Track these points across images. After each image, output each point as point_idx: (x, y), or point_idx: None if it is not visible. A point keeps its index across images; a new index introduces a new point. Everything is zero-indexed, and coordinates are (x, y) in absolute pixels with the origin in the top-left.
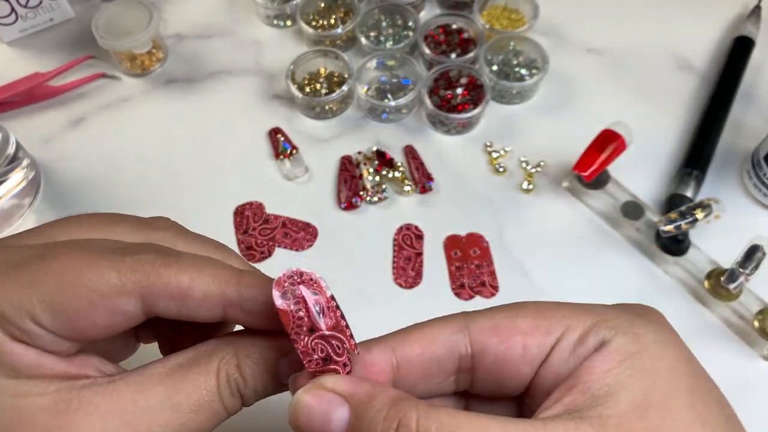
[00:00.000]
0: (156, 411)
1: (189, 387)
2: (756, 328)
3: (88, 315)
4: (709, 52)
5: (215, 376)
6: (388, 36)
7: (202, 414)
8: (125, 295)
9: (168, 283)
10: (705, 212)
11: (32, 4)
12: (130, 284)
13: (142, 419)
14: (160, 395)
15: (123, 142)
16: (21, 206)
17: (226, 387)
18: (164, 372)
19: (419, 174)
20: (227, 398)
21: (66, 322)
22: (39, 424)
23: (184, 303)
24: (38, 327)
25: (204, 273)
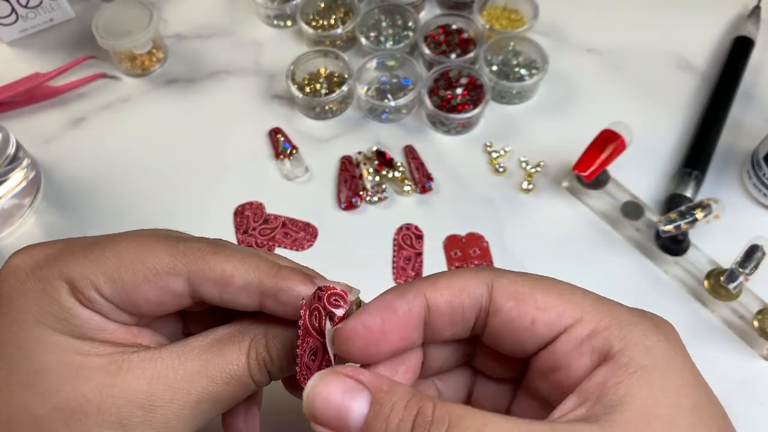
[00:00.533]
0: (194, 379)
1: (222, 362)
2: (756, 327)
3: (142, 290)
4: (709, 52)
5: (246, 354)
6: (388, 36)
7: (232, 385)
8: (175, 275)
9: (213, 268)
10: (705, 212)
11: (32, 5)
12: (180, 266)
13: (182, 385)
14: (197, 366)
15: (123, 142)
16: (21, 206)
17: (255, 364)
18: (203, 345)
19: (419, 174)
20: (256, 373)
21: (123, 295)
22: (93, 380)
23: (225, 289)
24: (100, 297)
25: (246, 263)
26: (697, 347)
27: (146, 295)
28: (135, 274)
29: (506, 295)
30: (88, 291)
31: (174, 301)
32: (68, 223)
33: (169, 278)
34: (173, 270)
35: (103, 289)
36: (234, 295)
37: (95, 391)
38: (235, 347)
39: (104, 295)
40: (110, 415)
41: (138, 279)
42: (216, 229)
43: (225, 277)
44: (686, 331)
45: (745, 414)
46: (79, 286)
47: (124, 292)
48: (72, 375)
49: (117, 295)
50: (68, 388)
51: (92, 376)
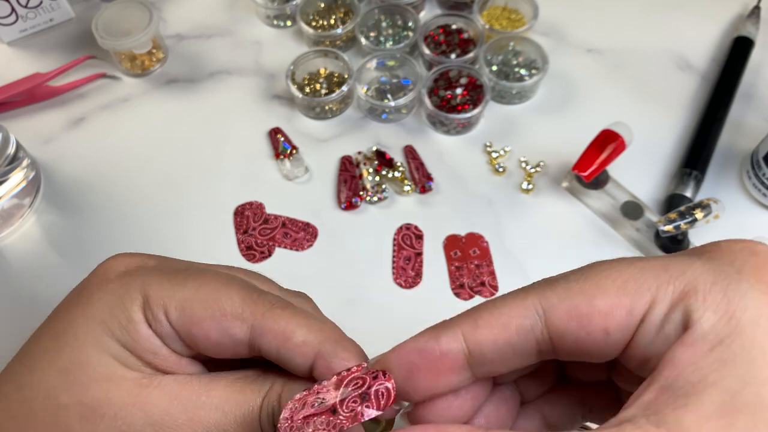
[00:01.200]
0: (210, 410)
1: (241, 399)
2: None
3: (206, 325)
4: (708, 52)
5: (262, 399)
6: (388, 36)
7: (242, 427)
8: (240, 320)
9: (277, 321)
10: (704, 212)
11: (32, 5)
12: (248, 313)
13: (198, 413)
14: (217, 399)
15: (123, 142)
16: (21, 206)
17: (266, 412)
18: (229, 381)
19: (419, 174)
20: (264, 422)
21: (187, 324)
22: (122, 387)
23: (284, 344)
24: (166, 320)
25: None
26: None
27: (207, 332)
28: (204, 309)
29: (564, 316)
30: (158, 311)
31: (232, 346)
32: (68, 223)
33: (234, 322)
34: (240, 315)
35: (171, 314)
36: (291, 351)
37: (119, 398)
38: (256, 388)
39: (170, 319)
40: (123, 424)
41: (205, 314)
42: (216, 229)
43: (287, 332)
44: None
45: None
46: (152, 304)
47: (189, 322)
48: (106, 377)
49: (181, 323)
50: (98, 388)
51: (123, 384)
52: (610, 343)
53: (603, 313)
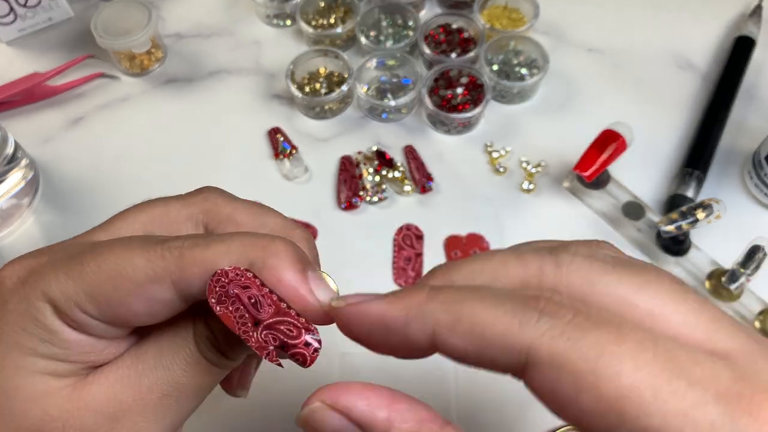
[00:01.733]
0: (151, 371)
1: (173, 347)
2: (757, 328)
3: (127, 303)
4: (710, 51)
5: (192, 333)
6: (388, 36)
7: (190, 371)
8: (157, 282)
9: (195, 262)
10: (706, 212)
11: (31, 4)
12: (160, 270)
13: (142, 381)
14: (152, 358)
15: (122, 142)
16: (20, 206)
17: (202, 344)
18: (156, 335)
19: (419, 174)
20: (208, 355)
21: (108, 311)
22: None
23: None
24: (86, 316)
25: (229, 248)
26: None
27: (131, 309)
28: (116, 289)
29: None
30: (73, 312)
31: (165, 307)
32: (67, 223)
33: (152, 287)
34: (154, 278)
35: (87, 308)
36: None
37: (60, 408)
38: (183, 329)
39: (90, 314)
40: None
41: (120, 293)
42: None
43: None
44: None
45: None
46: (63, 308)
47: (108, 308)
48: (40, 395)
49: (103, 312)
50: (36, 409)
51: (59, 393)
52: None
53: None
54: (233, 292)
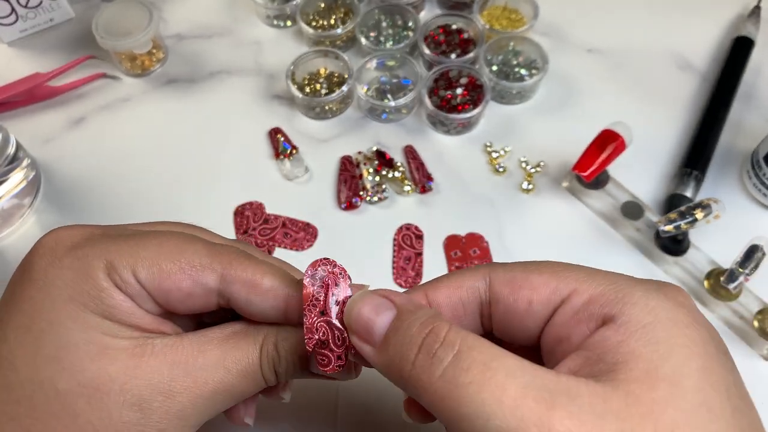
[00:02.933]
0: (211, 369)
1: (239, 354)
2: (756, 328)
3: (176, 278)
4: (709, 52)
5: (259, 349)
6: (388, 36)
7: (246, 379)
8: (210, 270)
9: (245, 270)
10: (705, 212)
11: (32, 5)
12: (216, 263)
13: (200, 374)
14: (215, 357)
15: (123, 142)
16: (21, 206)
17: (265, 360)
18: (221, 337)
19: (419, 174)
20: (266, 370)
21: (157, 280)
22: (118, 360)
23: (254, 291)
24: (135, 281)
25: (276, 271)
26: None
27: (179, 284)
28: (173, 262)
29: (502, 283)
30: (126, 273)
31: (203, 296)
32: (68, 223)
33: (204, 271)
34: (209, 265)
35: (140, 274)
36: (261, 297)
37: (119, 372)
38: (251, 340)
39: (140, 279)
40: (132, 396)
41: (174, 267)
42: (216, 229)
43: (255, 278)
44: None
45: None
46: (118, 268)
47: (159, 278)
48: (98, 354)
49: (152, 280)
50: (94, 366)
51: (118, 356)
52: (531, 314)
53: (532, 285)
54: (326, 280)
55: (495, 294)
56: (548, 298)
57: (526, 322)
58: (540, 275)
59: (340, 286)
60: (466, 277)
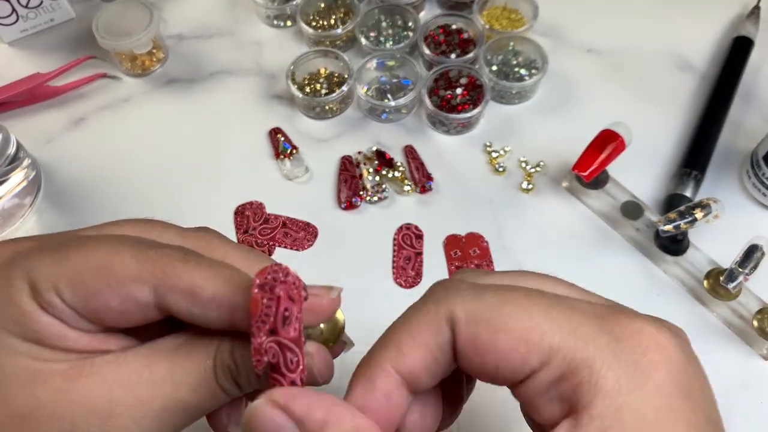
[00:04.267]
0: (159, 385)
1: (189, 365)
2: (755, 327)
3: (104, 296)
4: (708, 52)
5: (213, 359)
6: (388, 36)
7: (200, 392)
8: (139, 282)
9: (181, 278)
10: (704, 212)
11: (33, 5)
12: (146, 273)
13: (145, 391)
14: (163, 371)
15: (123, 142)
16: (22, 206)
17: (221, 371)
18: (170, 348)
19: (419, 174)
20: (223, 382)
21: (83, 300)
22: (50, 384)
23: (193, 301)
24: (60, 301)
25: (219, 275)
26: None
27: (108, 303)
28: (97, 278)
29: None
30: (49, 294)
31: (139, 311)
32: (69, 223)
33: (133, 286)
34: (138, 277)
35: (63, 294)
36: (202, 308)
37: (50, 397)
38: (203, 351)
39: (65, 299)
40: (63, 422)
41: (100, 284)
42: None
43: (193, 287)
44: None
45: (745, 414)
46: (41, 289)
47: (84, 297)
48: (29, 381)
49: (77, 300)
50: (23, 394)
51: (49, 380)
52: (498, 377)
53: (498, 351)
54: (279, 293)
55: (460, 352)
56: (516, 369)
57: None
58: (507, 336)
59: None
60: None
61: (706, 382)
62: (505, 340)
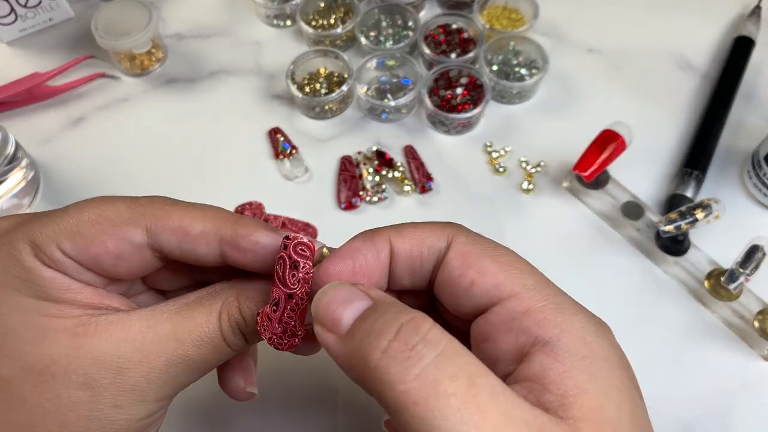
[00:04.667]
0: (162, 342)
1: (192, 324)
2: (756, 328)
3: (100, 241)
4: (709, 52)
5: (217, 316)
6: (388, 36)
7: (204, 348)
8: (133, 225)
9: (170, 217)
10: (705, 212)
11: (32, 4)
12: (138, 216)
13: (151, 348)
14: (166, 329)
15: (122, 142)
16: (20, 206)
17: (227, 326)
18: (173, 309)
19: (419, 174)
20: (229, 336)
21: (83, 249)
22: (59, 342)
23: (184, 237)
24: (62, 254)
25: (206, 213)
26: (697, 347)
27: (105, 247)
28: (93, 226)
29: (457, 253)
30: (50, 249)
31: (136, 254)
32: None
33: (127, 228)
34: (131, 220)
35: (64, 246)
36: (193, 243)
37: (62, 353)
38: (205, 310)
39: (66, 251)
40: (78, 376)
41: (96, 231)
42: None
43: (183, 225)
44: (686, 331)
45: (745, 414)
46: (41, 245)
47: (84, 246)
48: (39, 337)
49: (78, 249)
50: (35, 350)
51: (59, 337)
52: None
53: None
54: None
55: (446, 260)
56: (488, 290)
57: (462, 300)
58: (492, 263)
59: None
60: (429, 233)
61: None
62: (489, 265)
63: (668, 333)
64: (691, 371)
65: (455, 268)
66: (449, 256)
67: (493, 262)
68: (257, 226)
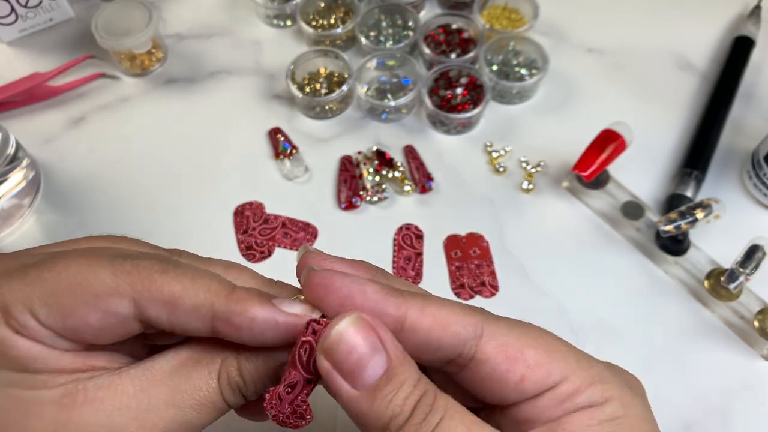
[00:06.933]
0: (160, 409)
1: (191, 388)
2: (756, 327)
3: (82, 313)
4: (709, 52)
5: (216, 378)
6: (388, 36)
7: (204, 411)
8: (118, 296)
9: (160, 288)
10: (705, 212)
11: (32, 4)
12: (124, 286)
13: (148, 416)
14: (163, 394)
15: (123, 142)
16: (21, 206)
17: (227, 387)
18: (168, 369)
19: (419, 174)
20: (228, 396)
21: (60, 320)
22: (45, 417)
23: (173, 311)
24: (36, 322)
25: (198, 284)
26: (697, 347)
27: (86, 320)
28: (73, 296)
29: (496, 347)
30: (23, 317)
31: (120, 326)
32: (68, 223)
33: (112, 300)
34: (116, 291)
35: (39, 314)
36: (183, 318)
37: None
38: (204, 371)
39: (40, 320)
40: None
41: (76, 302)
42: (216, 229)
43: (173, 297)
44: (686, 331)
45: (746, 414)
46: (13, 313)
47: (61, 316)
48: (22, 413)
49: (54, 320)
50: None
51: (45, 411)
52: (520, 390)
53: (527, 363)
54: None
55: (486, 355)
56: (541, 381)
57: (509, 394)
58: (535, 351)
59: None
60: (454, 318)
61: None
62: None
63: (668, 333)
64: (691, 371)
65: (500, 364)
66: (489, 351)
67: (535, 349)
68: (252, 300)
